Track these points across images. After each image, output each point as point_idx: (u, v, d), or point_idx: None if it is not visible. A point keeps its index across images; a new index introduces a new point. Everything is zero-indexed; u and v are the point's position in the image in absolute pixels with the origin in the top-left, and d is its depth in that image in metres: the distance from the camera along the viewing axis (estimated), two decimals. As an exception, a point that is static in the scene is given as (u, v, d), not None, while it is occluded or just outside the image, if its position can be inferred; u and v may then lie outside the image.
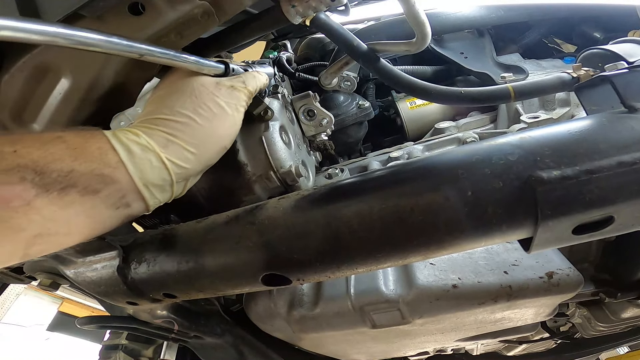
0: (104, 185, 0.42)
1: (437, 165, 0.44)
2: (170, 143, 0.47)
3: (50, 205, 0.39)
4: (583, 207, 0.38)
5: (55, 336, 4.87)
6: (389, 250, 0.44)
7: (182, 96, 0.51)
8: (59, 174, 0.39)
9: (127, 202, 0.45)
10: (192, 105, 0.50)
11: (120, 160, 0.43)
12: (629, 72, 0.50)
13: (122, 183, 0.43)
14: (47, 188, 0.38)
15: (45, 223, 0.39)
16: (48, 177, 0.38)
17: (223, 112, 0.53)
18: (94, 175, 0.41)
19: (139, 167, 0.44)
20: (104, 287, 0.59)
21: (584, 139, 0.40)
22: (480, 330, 0.85)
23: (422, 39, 0.63)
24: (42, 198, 0.38)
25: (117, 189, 0.43)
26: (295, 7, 0.56)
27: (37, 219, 0.38)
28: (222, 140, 0.54)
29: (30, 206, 0.37)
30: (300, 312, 0.76)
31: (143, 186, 0.45)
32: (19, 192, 0.36)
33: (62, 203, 0.39)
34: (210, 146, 0.52)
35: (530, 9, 1.07)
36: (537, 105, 0.93)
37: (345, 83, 0.99)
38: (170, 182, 0.48)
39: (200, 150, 0.50)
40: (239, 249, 0.49)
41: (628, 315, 0.89)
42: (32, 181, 0.37)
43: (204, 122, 0.50)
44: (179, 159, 0.48)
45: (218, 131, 0.53)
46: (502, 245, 0.74)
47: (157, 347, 1.26)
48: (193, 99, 0.51)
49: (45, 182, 0.38)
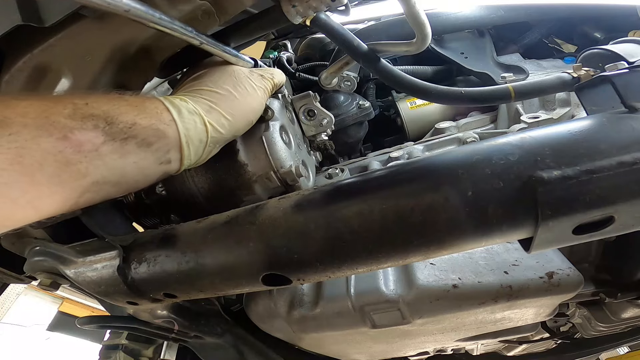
0: (157, 139, 0.47)
1: (437, 165, 0.44)
2: (212, 110, 0.54)
3: (113, 153, 0.43)
4: (583, 207, 0.38)
5: (56, 336, 4.87)
6: (390, 250, 0.44)
7: (224, 75, 0.59)
8: (125, 125, 0.43)
9: (169, 158, 0.50)
10: (232, 82, 0.59)
11: (173, 119, 0.48)
12: (629, 72, 0.50)
13: (171, 139, 0.48)
14: (113, 137, 0.42)
15: (104, 171, 0.43)
16: (116, 127, 0.43)
17: (255, 92, 0.61)
18: (152, 129, 0.46)
19: (186, 126, 0.50)
20: (104, 287, 0.59)
21: (584, 139, 0.40)
22: (480, 330, 0.85)
23: (422, 40, 0.63)
24: (108, 145, 0.42)
25: (165, 144, 0.48)
26: (295, 7, 0.56)
27: (99, 165, 0.42)
28: (251, 114, 0.62)
29: (97, 152, 0.41)
30: (301, 312, 0.76)
31: (185, 144, 0.50)
32: (92, 137, 0.41)
33: (122, 151, 0.44)
34: (242, 118, 0.59)
35: (530, 9, 1.07)
36: (537, 106, 0.93)
37: (345, 83, 0.99)
38: (205, 143, 0.53)
39: (234, 119, 0.57)
40: (239, 249, 0.49)
41: (628, 316, 0.89)
42: (103, 129, 0.42)
43: (240, 97, 0.58)
44: (217, 123, 0.54)
45: (250, 106, 0.61)
46: (502, 246, 0.74)
47: (157, 347, 1.26)
48: (233, 79, 0.59)
49: (113, 130, 0.42)
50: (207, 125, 0.52)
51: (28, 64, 0.53)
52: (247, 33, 0.62)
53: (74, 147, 0.39)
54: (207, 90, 0.56)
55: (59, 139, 0.38)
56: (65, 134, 0.39)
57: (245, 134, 0.66)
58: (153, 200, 0.70)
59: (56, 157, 0.38)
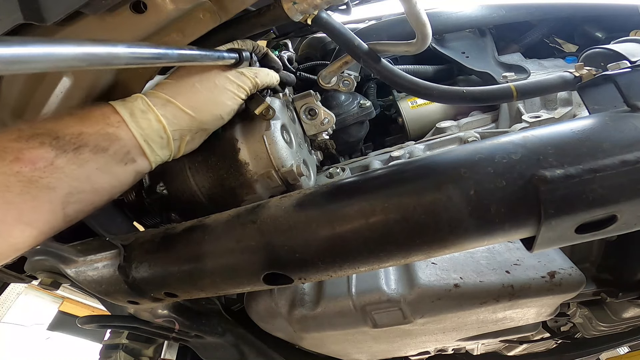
0: (110, 143, 0.48)
1: (439, 164, 0.43)
2: (169, 103, 0.54)
3: (70, 163, 0.45)
4: (586, 206, 0.38)
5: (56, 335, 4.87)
6: (391, 249, 0.44)
7: (192, 69, 0.58)
8: (71, 136, 0.46)
9: (132, 158, 0.51)
10: (198, 75, 0.57)
11: (122, 119, 0.49)
12: (631, 71, 0.50)
13: (125, 140, 0.50)
14: (64, 149, 0.45)
15: (71, 182, 0.46)
16: (62, 139, 0.45)
17: (225, 85, 0.59)
18: (100, 135, 0.48)
19: (139, 124, 0.51)
20: (105, 286, 0.59)
21: (587, 138, 0.40)
22: (481, 329, 0.85)
23: (423, 40, 0.63)
24: (61, 158, 0.45)
25: (122, 145, 0.49)
26: (296, 4, 0.55)
27: (62, 177, 0.45)
28: (219, 108, 0.59)
29: (53, 165, 0.44)
30: (302, 311, 0.76)
31: (144, 142, 0.51)
32: (42, 154, 0.43)
33: (79, 161, 0.46)
34: (207, 112, 0.58)
35: (531, 9, 1.06)
36: (539, 105, 0.93)
37: (344, 82, 0.99)
38: (167, 138, 0.54)
39: (196, 113, 0.56)
40: (240, 248, 0.49)
41: (629, 315, 0.88)
42: (50, 144, 0.44)
43: (205, 90, 0.57)
44: (174, 117, 0.54)
45: (217, 99, 0.59)
46: (504, 245, 0.74)
47: (157, 347, 1.26)
48: (199, 69, 0.57)
49: (60, 144, 0.45)
50: (163, 121, 0.53)
51: (29, 63, 0.52)
52: (247, 29, 0.62)
53: (29, 166, 0.42)
54: (169, 84, 0.56)
55: (12, 161, 0.42)
56: (16, 156, 0.42)
57: (246, 132, 0.66)
58: (154, 200, 0.70)
59: (17, 177, 0.42)
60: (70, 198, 0.46)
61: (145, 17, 0.49)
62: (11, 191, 0.42)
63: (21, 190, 0.42)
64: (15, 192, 0.42)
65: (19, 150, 0.42)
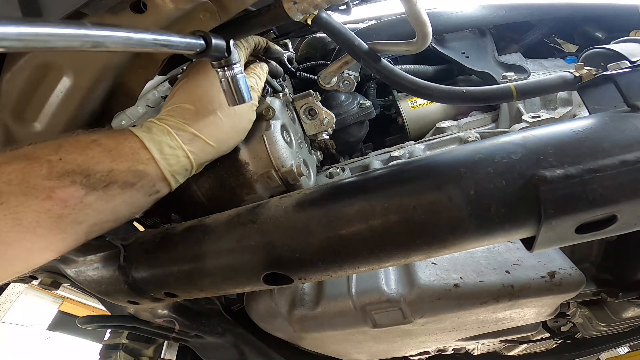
0: (139, 179, 0.49)
1: (439, 164, 0.43)
2: (196, 138, 0.54)
3: (99, 200, 0.46)
4: (586, 206, 0.38)
5: (56, 335, 4.87)
6: (391, 249, 0.44)
7: (211, 89, 0.56)
8: (101, 174, 0.46)
9: (157, 189, 0.52)
10: (218, 101, 0.55)
11: (151, 157, 0.50)
12: (631, 71, 0.50)
13: (153, 175, 0.50)
14: (93, 187, 0.45)
15: (97, 215, 0.47)
16: (93, 177, 0.45)
17: (242, 110, 0.59)
18: (130, 172, 0.48)
19: (168, 161, 0.51)
20: (105, 286, 0.59)
21: (587, 138, 0.40)
22: (481, 329, 0.85)
23: (423, 39, 0.63)
24: (91, 195, 0.45)
25: (149, 180, 0.50)
26: (296, 4, 0.55)
27: (90, 213, 0.46)
28: (239, 135, 0.61)
29: (83, 203, 0.45)
30: (302, 311, 0.76)
31: (171, 176, 0.52)
32: (72, 192, 0.44)
33: (107, 197, 0.47)
34: (229, 141, 0.59)
35: (531, 9, 1.06)
36: (539, 105, 0.93)
37: (344, 82, 0.99)
38: (191, 169, 0.55)
39: (219, 144, 0.57)
40: (240, 248, 0.49)
41: (629, 315, 0.88)
42: (81, 183, 0.45)
43: (227, 119, 0.57)
44: (201, 151, 0.55)
45: (237, 128, 0.60)
46: (504, 245, 0.74)
47: (157, 347, 1.25)
48: (220, 96, 0.54)
49: (91, 182, 0.45)
50: (191, 157, 0.53)
51: (29, 63, 0.53)
52: (247, 29, 0.62)
53: (60, 204, 0.43)
54: (191, 112, 0.54)
55: (44, 199, 0.43)
56: (48, 194, 0.43)
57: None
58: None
59: (48, 214, 0.43)
60: (94, 228, 0.48)
61: (145, 17, 0.49)
62: (42, 226, 0.43)
63: (51, 225, 0.43)
64: (45, 226, 0.43)
65: (51, 189, 0.43)
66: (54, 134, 0.58)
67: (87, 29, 0.32)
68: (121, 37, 0.35)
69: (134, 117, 0.90)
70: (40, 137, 0.59)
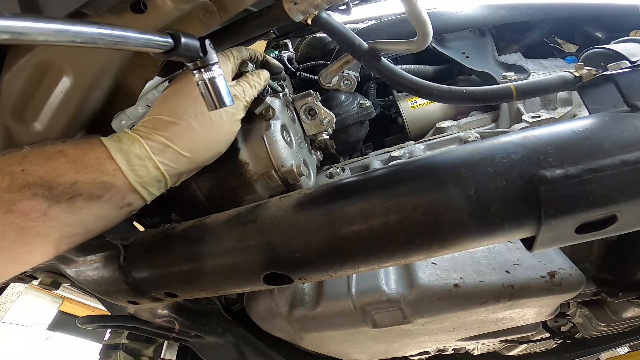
0: (106, 191, 0.47)
1: (439, 164, 0.43)
2: (167, 148, 0.51)
3: (64, 212, 0.45)
4: (586, 206, 0.38)
5: (56, 335, 4.87)
6: (391, 249, 0.44)
7: (187, 99, 0.53)
8: (64, 186, 0.44)
9: (128, 202, 0.50)
10: (193, 111, 0.53)
11: (118, 167, 0.47)
12: (631, 71, 0.50)
13: (121, 187, 0.48)
14: (57, 199, 0.44)
15: (64, 227, 0.46)
16: (55, 190, 0.44)
17: (221, 121, 0.56)
18: (95, 184, 0.46)
19: (137, 172, 0.49)
20: (105, 286, 0.59)
21: (587, 138, 0.40)
22: (481, 329, 0.85)
23: (424, 38, 0.63)
24: (54, 208, 0.44)
25: (117, 192, 0.48)
26: (297, 4, 0.55)
27: (55, 225, 0.45)
28: (217, 146, 0.57)
29: (47, 216, 0.44)
30: (302, 311, 0.76)
31: (141, 187, 0.50)
32: (34, 205, 0.43)
33: (72, 209, 0.45)
34: (205, 151, 0.56)
35: (531, 9, 1.06)
36: (539, 105, 0.93)
37: (345, 82, 0.99)
38: (165, 181, 0.53)
39: (194, 155, 0.54)
40: (240, 248, 0.49)
41: (629, 315, 0.88)
42: (43, 195, 0.43)
43: (202, 129, 0.53)
44: (173, 162, 0.52)
45: (214, 138, 0.56)
46: (504, 245, 0.74)
47: (157, 347, 1.25)
48: (196, 106, 0.53)
49: (53, 194, 0.44)
50: (161, 167, 0.51)
51: (29, 63, 0.53)
52: (248, 31, 0.62)
53: (22, 217, 0.43)
54: (164, 122, 0.52)
55: (5, 212, 0.42)
56: (9, 208, 0.42)
57: (246, 132, 0.66)
58: (153, 200, 0.70)
59: (10, 227, 0.42)
60: (62, 241, 0.47)
61: (145, 17, 0.49)
62: (6, 239, 0.43)
63: (15, 238, 0.43)
64: (10, 239, 0.43)
65: (11, 202, 0.42)
66: (54, 134, 0.58)
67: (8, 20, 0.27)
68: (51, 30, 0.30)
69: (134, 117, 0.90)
70: (40, 137, 0.60)
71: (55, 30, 0.30)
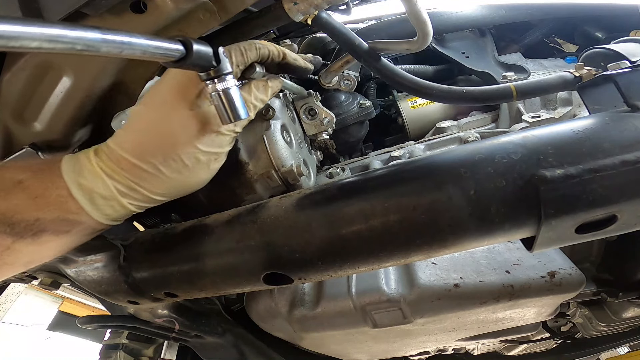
0: (72, 227, 0.45)
1: (439, 164, 0.43)
2: (134, 191, 0.46)
3: (30, 245, 0.44)
4: (586, 206, 0.38)
5: (56, 335, 4.87)
6: (391, 249, 0.44)
7: (155, 138, 0.45)
8: (26, 223, 0.43)
9: (98, 232, 0.49)
10: (162, 155, 0.45)
11: (81, 207, 0.44)
12: (631, 71, 0.50)
13: (87, 223, 0.46)
14: (20, 235, 0.43)
15: (32, 255, 0.45)
16: (17, 226, 0.42)
17: (197, 164, 0.47)
18: (60, 221, 0.44)
19: (103, 212, 0.46)
20: (105, 286, 0.59)
21: (587, 138, 0.40)
22: (481, 329, 0.85)
23: (424, 38, 0.63)
24: (19, 242, 0.43)
25: (83, 228, 0.47)
26: (297, 4, 0.55)
27: (21, 257, 0.44)
28: (190, 188, 0.51)
29: (11, 249, 0.43)
30: (302, 311, 0.76)
31: (111, 221, 0.48)
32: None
33: (39, 243, 0.44)
34: (176, 193, 0.50)
35: (531, 9, 1.06)
36: (539, 105, 0.93)
37: (345, 82, 0.99)
38: (136, 211, 0.49)
39: (165, 196, 0.49)
40: (240, 248, 0.49)
41: (629, 315, 0.88)
42: (6, 232, 0.42)
43: (173, 175, 0.46)
44: (143, 202, 0.48)
45: (187, 182, 0.49)
46: (504, 245, 0.74)
47: (157, 347, 1.26)
48: (166, 148, 0.45)
49: (16, 231, 0.42)
50: (130, 207, 0.47)
51: (29, 63, 0.53)
52: (248, 31, 0.62)
53: None
54: (129, 163, 0.45)
55: None
56: None
57: (246, 132, 0.66)
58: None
59: None
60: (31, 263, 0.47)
61: (145, 17, 0.49)
62: None
63: None
64: None
65: None
66: (54, 134, 0.58)
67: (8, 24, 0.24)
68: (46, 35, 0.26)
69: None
70: (41, 137, 0.60)
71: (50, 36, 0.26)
